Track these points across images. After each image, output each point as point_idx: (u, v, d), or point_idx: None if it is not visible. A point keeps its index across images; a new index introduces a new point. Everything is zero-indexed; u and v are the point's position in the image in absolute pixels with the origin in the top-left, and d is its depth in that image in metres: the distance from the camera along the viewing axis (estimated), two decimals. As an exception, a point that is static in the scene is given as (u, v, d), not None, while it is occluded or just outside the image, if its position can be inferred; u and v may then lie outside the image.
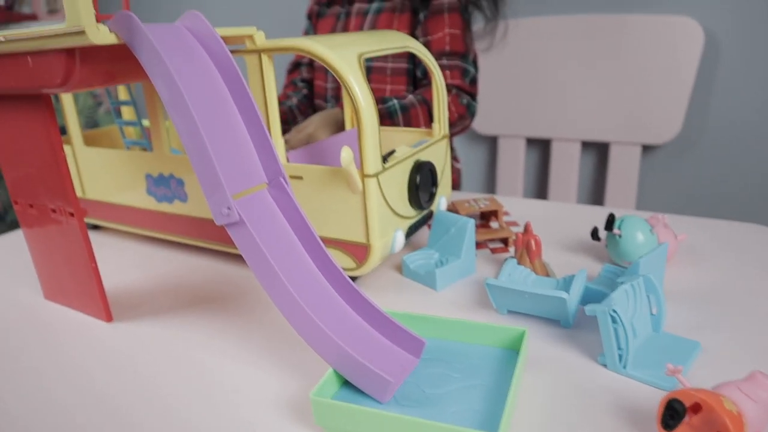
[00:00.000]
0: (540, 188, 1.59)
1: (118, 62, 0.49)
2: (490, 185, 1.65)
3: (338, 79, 0.53)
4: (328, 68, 0.54)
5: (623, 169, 1.42)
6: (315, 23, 1.16)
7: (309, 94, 1.16)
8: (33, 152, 0.56)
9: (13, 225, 1.98)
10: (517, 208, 0.87)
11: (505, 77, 1.48)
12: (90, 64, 0.46)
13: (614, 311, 0.46)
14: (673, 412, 0.35)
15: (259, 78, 0.57)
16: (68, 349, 0.55)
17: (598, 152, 1.50)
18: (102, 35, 0.42)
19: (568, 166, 1.48)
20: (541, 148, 1.56)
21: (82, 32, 0.41)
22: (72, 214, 0.56)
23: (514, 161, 1.53)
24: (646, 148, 1.43)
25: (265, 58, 0.56)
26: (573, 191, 1.48)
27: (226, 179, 0.41)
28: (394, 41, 0.64)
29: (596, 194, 1.53)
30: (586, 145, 1.49)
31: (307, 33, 1.19)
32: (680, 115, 1.33)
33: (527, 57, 1.45)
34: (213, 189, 0.41)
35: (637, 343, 0.49)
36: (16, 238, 0.87)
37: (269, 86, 0.57)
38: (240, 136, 0.46)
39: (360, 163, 0.54)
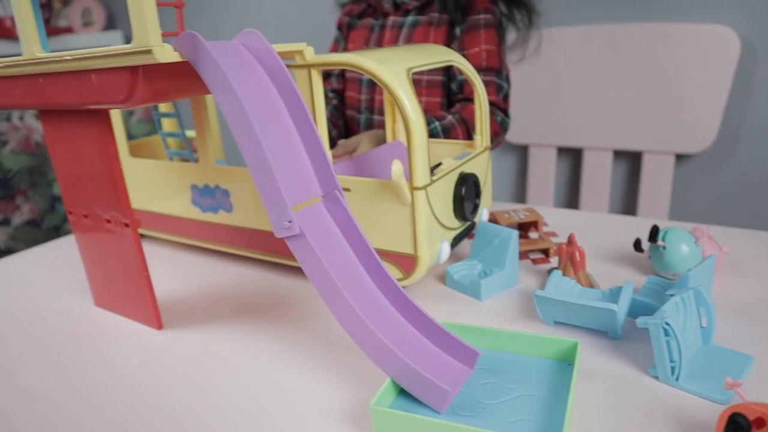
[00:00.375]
0: (571, 197, 1.59)
1: (176, 79, 0.50)
2: (521, 194, 1.65)
3: (389, 94, 0.54)
4: (378, 83, 0.55)
5: (656, 178, 1.41)
6: (346, 34, 1.17)
7: (338, 104, 1.17)
8: (90, 165, 0.57)
9: (50, 231, 2.03)
10: (551, 218, 0.87)
11: (537, 86, 1.48)
12: (151, 81, 0.47)
13: (667, 324, 0.46)
14: (736, 426, 0.35)
15: (309, 92, 0.58)
16: (121, 355, 0.57)
17: (630, 161, 1.49)
18: (167, 54, 0.43)
19: (599, 176, 1.47)
20: (572, 157, 1.56)
21: (149, 51, 0.42)
22: (127, 225, 0.58)
23: (545, 170, 1.53)
24: (680, 157, 1.42)
25: (314, 72, 0.58)
26: (605, 201, 1.47)
27: (286, 193, 0.43)
28: (439, 55, 0.65)
29: (628, 204, 1.52)
30: (618, 154, 1.49)
31: (337, 43, 1.20)
32: (715, 124, 1.32)
33: (559, 66, 1.45)
34: (274, 202, 0.42)
35: (688, 355, 0.49)
36: (63, 244, 0.89)
37: (318, 100, 0.59)
38: (297, 150, 0.47)
39: (409, 176, 0.55)
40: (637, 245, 0.66)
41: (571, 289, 0.59)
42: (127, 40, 2.32)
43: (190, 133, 0.86)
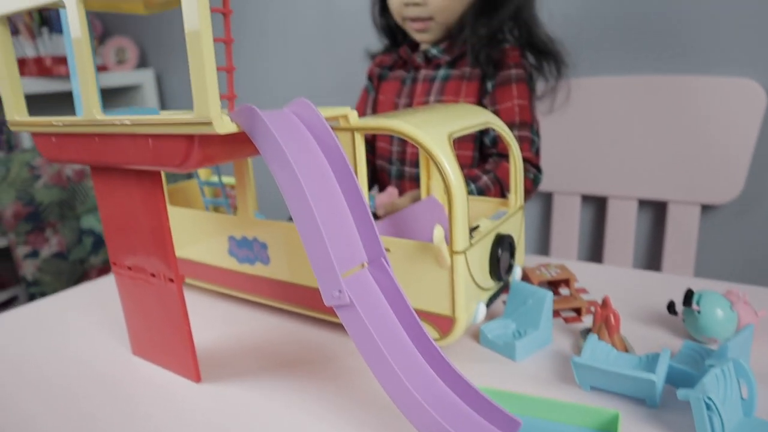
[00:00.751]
0: (595, 247, 1.59)
1: (227, 144, 0.52)
2: (544, 243, 1.64)
3: (431, 159, 0.56)
4: (419, 147, 0.57)
5: (682, 229, 1.40)
6: (377, 85, 1.20)
7: (367, 154, 1.19)
8: (138, 221, 0.59)
9: (75, 264, 2.06)
10: (578, 273, 0.87)
11: (562, 133, 1.49)
12: (205, 147, 0.49)
13: (709, 398, 0.46)
14: None
15: (351, 154, 0.60)
16: (158, 406, 0.58)
17: (655, 211, 1.49)
18: (226, 126, 0.45)
19: (624, 225, 1.47)
20: (596, 205, 1.56)
21: (209, 123, 0.44)
22: (171, 280, 0.59)
23: (569, 218, 1.53)
24: (706, 208, 1.41)
25: (357, 135, 0.60)
26: (629, 251, 1.47)
27: (337, 262, 0.44)
28: (477, 117, 0.67)
29: (653, 255, 1.51)
30: (643, 204, 1.49)
31: (368, 92, 1.23)
32: (742, 175, 1.32)
33: (585, 114, 1.46)
34: (325, 272, 0.43)
35: (730, 428, 0.48)
36: (96, 287, 0.91)
37: (360, 162, 0.60)
38: (344, 217, 0.48)
39: (449, 240, 0.56)
40: (671, 308, 0.67)
41: (606, 354, 0.60)
42: (159, 77, 2.39)
43: (226, 179, 0.89)
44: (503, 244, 0.64)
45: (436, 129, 0.58)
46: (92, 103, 0.54)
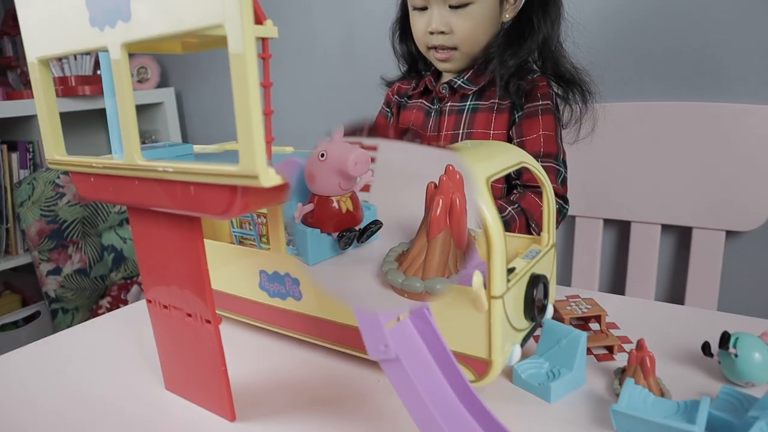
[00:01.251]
0: (617, 271, 1.58)
1: (269, 192, 0.52)
2: (566, 268, 1.63)
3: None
4: (456, 192, 0.57)
5: (706, 255, 1.39)
6: (396, 113, 1.20)
7: None
8: (176, 263, 0.60)
9: (97, 280, 2.08)
10: (606, 307, 0.86)
11: (586, 157, 1.48)
12: (246, 197, 0.50)
13: (755, 455, 0.45)
14: None
15: (387, 196, 0.61)
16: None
17: (679, 236, 1.48)
18: (271, 178, 0.46)
19: (647, 250, 1.46)
20: (619, 229, 1.55)
21: (255, 177, 0.45)
22: (208, 321, 0.60)
23: (591, 243, 1.52)
24: (731, 234, 1.40)
25: (394, 178, 0.60)
26: (652, 276, 1.46)
27: (381, 314, 0.44)
28: (512, 157, 0.67)
29: (677, 281, 1.50)
30: (667, 229, 1.48)
31: (386, 117, 1.22)
32: None
33: (609, 139, 1.46)
34: (371, 327, 0.44)
35: (775, 483, 0.48)
36: (124, 315, 0.92)
37: (396, 204, 0.61)
38: (386, 268, 0.48)
39: (486, 284, 0.56)
40: (706, 350, 0.66)
41: (644, 400, 0.59)
42: (179, 96, 2.41)
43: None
44: (538, 286, 0.64)
45: (474, 172, 0.58)
46: (134, 148, 0.55)
